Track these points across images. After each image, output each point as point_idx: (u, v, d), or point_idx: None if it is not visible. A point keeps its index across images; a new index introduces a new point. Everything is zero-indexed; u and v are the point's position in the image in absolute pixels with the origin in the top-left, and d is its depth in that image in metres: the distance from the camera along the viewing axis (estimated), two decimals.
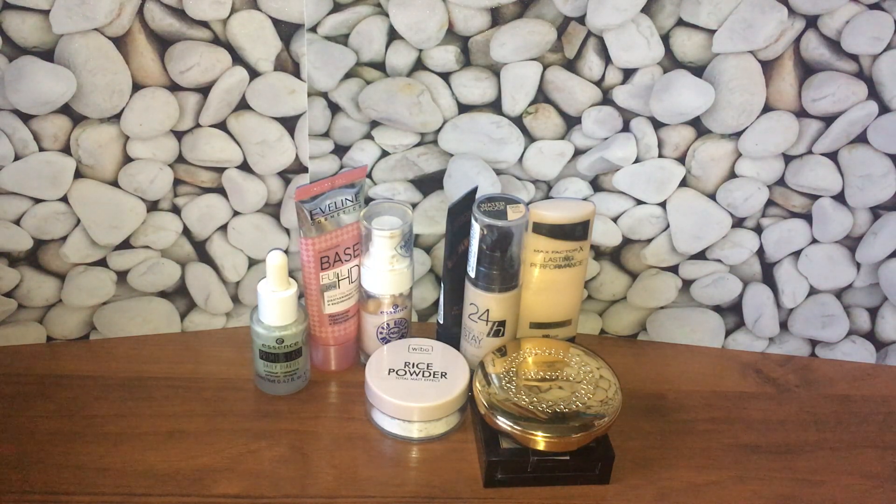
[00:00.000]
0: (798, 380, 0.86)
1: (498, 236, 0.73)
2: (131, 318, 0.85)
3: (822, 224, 0.82)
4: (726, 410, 0.82)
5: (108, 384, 0.80)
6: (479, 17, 0.74)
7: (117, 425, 0.75)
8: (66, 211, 0.78)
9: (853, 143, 0.79)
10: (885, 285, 0.85)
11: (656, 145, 0.79)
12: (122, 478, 0.70)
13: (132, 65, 0.73)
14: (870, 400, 0.84)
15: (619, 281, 0.87)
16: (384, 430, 0.76)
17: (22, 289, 0.81)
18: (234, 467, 0.72)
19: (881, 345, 0.88)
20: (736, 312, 0.88)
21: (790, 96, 0.77)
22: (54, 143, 0.75)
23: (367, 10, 0.74)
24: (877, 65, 0.75)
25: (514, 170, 0.81)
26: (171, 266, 0.83)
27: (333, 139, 0.79)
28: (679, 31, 0.74)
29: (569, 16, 0.74)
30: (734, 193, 0.81)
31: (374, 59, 0.76)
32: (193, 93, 0.75)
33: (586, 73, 0.76)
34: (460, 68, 0.76)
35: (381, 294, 0.79)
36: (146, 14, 0.71)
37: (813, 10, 0.73)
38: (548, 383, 0.73)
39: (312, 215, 0.75)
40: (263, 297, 0.75)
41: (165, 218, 0.81)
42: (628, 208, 0.82)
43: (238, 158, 0.79)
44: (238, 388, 0.80)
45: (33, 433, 0.74)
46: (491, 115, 0.78)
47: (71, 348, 0.84)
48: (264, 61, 0.75)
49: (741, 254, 0.84)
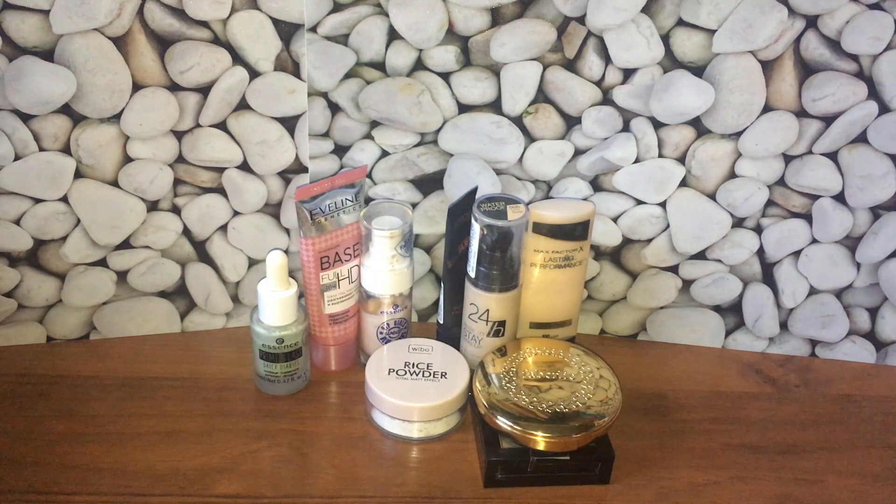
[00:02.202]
0: (798, 380, 0.86)
1: (498, 236, 0.73)
2: (131, 318, 0.85)
3: (822, 224, 0.82)
4: (726, 410, 0.82)
5: (108, 384, 0.80)
6: (479, 17, 0.74)
7: (117, 425, 0.75)
8: (66, 211, 0.78)
9: (853, 143, 0.79)
10: (885, 285, 0.85)
11: (656, 145, 0.79)
12: (122, 478, 0.70)
13: (132, 65, 0.73)
14: (870, 400, 0.84)
15: (619, 281, 0.87)
16: (384, 430, 0.76)
17: (22, 289, 0.81)
18: (234, 467, 0.72)
19: (881, 345, 0.88)
20: (736, 312, 0.88)
21: (790, 96, 0.77)
22: (54, 143, 0.75)
23: (367, 10, 0.74)
24: (877, 65, 0.75)
25: (514, 170, 0.81)
26: (171, 266, 0.83)
27: (333, 139, 0.79)
28: (679, 31, 0.74)
29: (569, 16, 0.74)
30: (734, 193, 0.81)
31: (374, 59, 0.76)
32: (193, 93, 0.75)
33: (586, 73, 0.76)
34: (460, 68, 0.76)
35: (381, 294, 0.79)
36: (146, 14, 0.71)
37: (813, 10, 0.73)
38: (548, 383, 0.73)
39: (312, 215, 0.75)
40: (263, 297, 0.75)
41: (165, 218, 0.81)
42: (628, 208, 0.82)
43: (238, 158, 0.79)
44: (238, 388, 0.80)
45: (33, 433, 0.74)
46: (491, 115, 0.78)
47: (71, 348, 0.84)
48: (264, 61, 0.75)
49: (741, 254, 0.84)
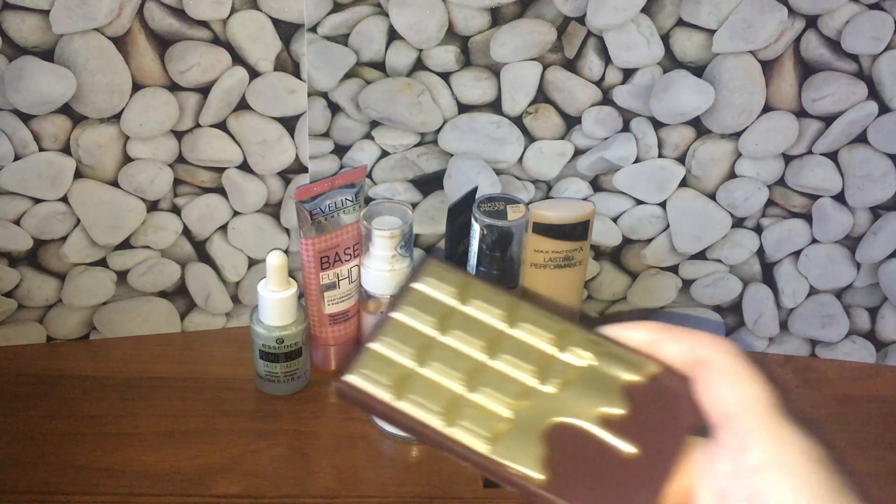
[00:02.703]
0: (798, 380, 0.86)
1: (498, 236, 0.73)
2: (131, 318, 0.85)
3: (822, 224, 0.82)
4: None
5: (108, 384, 0.80)
6: (479, 17, 0.74)
7: (117, 425, 0.75)
8: (66, 211, 0.78)
9: (853, 143, 0.79)
10: (885, 285, 0.85)
11: (656, 145, 0.79)
12: (122, 478, 0.70)
13: (132, 65, 0.73)
14: (870, 400, 0.84)
15: (619, 281, 0.87)
16: (384, 430, 0.76)
17: (22, 289, 0.81)
18: (234, 467, 0.72)
19: (881, 345, 0.88)
20: (736, 312, 0.88)
21: (790, 96, 0.77)
22: (54, 143, 0.75)
23: (367, 10, 0.74)
24: (877, 65, 0.75)
25: (514, 170, 0.81)
26: (171, 266, 0.83)
27: (333, 139, 0.79)
28: (679, 31, 0.74)
29: (569, 16, 0.74)
30: (734, 193, 0.81)
31: (374, 59, 0.76)
32: (193, 93, 0.75)
33: (586, 73, 0.76)
34: (460, 68, 0.76)
35: (381, 294, 0.79)
36: (146, 14, 0.71)
37: (813, 10, 0.73)
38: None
39: (312, 215, 0.76)
40: (263, 297, 0.75)
41: (165, 218, 0.81)
42: (628, 208, 0.82)
43: (238, 158, 0.79)
44: (238, 388, 0.80)
45: (33, 433, 0.74)
46: (491, 115, 0.78)
47: (71, 348, 0.84)
48: (264, 61, 0.75)
49: (741, 254, 0.84)
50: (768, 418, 0.38)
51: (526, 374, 0.40)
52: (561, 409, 0.40)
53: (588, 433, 0.39)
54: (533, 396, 0.40)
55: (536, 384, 0.40)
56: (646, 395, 0.40)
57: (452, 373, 0.40)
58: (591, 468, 0.38)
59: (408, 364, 0.40)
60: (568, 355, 0.41)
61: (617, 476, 0.38)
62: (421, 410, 0.39)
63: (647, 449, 0.39)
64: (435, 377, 0.40)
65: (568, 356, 0.41)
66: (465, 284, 0.43)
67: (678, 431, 0.40)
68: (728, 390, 0.38)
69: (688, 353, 0.40)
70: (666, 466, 0.39)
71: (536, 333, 0.42)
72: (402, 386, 0.40)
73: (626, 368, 0.41)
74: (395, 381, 0.40)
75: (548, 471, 0.38)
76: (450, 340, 0.41)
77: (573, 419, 0.39)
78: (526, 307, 0.42)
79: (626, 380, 0.40)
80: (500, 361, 0.41)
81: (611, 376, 0.40)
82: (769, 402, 0.38)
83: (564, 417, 0.39)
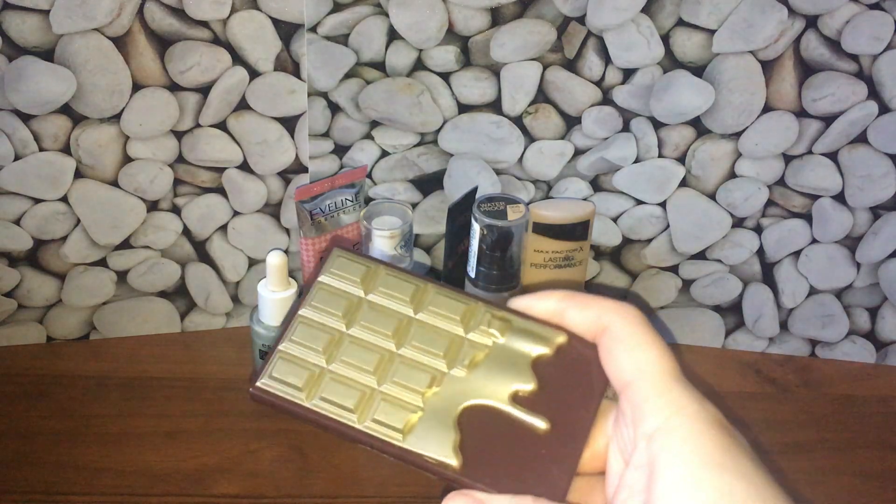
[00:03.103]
0: (798, 380, 0.86)
1: (498, 236, 0.73)
2: (131, 318, 0.85)
3: (822, 224, 0.82)
4: (726, 410, 0.81)
5: (108, 384, 0.80)
6: (479, 17, 0.74)
7: (117, 425, 0.75)
8: (66, 211, 0.78)
9: (853, 143, 0.79)
10: (885, 285, 0.85)
11: (656, 145, 0.79)
12: (122, 478, 0.70)
13: (132, 65, 0.73)
14: (870, 400, 0.84)
15: (619, 281, 0.87)
16: None
17: (22, 289, 0.81)
18: (234, 467, 0.72)
19: (881, 345, 0.88)
20: (736, 312, 0.88)
21: (790, 96, 0.77)
22: (54, 143, 0.75)
23: (367, 10, 0.74)
24: (877, 65, 0.75)
25: (514, 170, 0.81)
26: (171, 266, 0.83)
27: (333, 139, 0.79)
28: (679, 31, 0.74)
29: (569, 16, 0.74)
30: (734, 193, 0.81)
31: (374, 59, 0.76)
32: (193, 93, 0.75)
33: (586, 73, 0.76)
34: (460, 68, 0.76)
35: None
36: (146, 14, 0.71)
37: (813, 10, 0.73)
38: None
39: (312, 215, 0.76)
40: (263, 297, 0.75)
41: (165, 218, 0.81)
42: (628, 208, 0.82)
43: (238, 158, 0.79)
44: (238, 388, 0.80)
45: (33, 433, 0.74)
46: (491, 115, 0.78)
47: (71, 348, 0.84)
48: (264, 61, 0.75)
49: (741, 254, 0.84)
50: (664, 384, 0.38)
51: (435, 360, 0.41)
52: (471, 391, 0.40)
53: (499, 412, 0.39)
54: (443, 382, 0.40)
55: (445, 368, 0.40)
56: (555, 367, 0.40)
57: (362, 366, 0.40)
58: (504, 448, 0.38)
59: (318, 362, 0.41)
60: (475, 335, 0.41)
61: (531, 452, 0.38)
62: (334, 408, 0.39)
63: (560, 421, 0.39)
64: (345, 373, 0.40)
65: (475, 336, 0.41)
66: (370, 273, 0.43)
67: (589, 401, 0.40)
68: (626, 357, 0.39)
69: (593, 321, 0.40)
70: (579, 437, 0.39)
71: (443, 316, 0.42)
72: (313, 385, 0.40)
73: (534, 342, 0.41)
74: (307, 381, 0.40)
75: (462, 455, 0.38)
76: (358, 332, 0.41)
77: (484, 400, 0.39)
78: (431, 289, 0.42)
79: (534, 354, 0.41)
80: (409, 349, 0.41)
81: (519, 352, 0.41)
82: (665, 368, 0.38)
83: (475, 399, 0.39)
